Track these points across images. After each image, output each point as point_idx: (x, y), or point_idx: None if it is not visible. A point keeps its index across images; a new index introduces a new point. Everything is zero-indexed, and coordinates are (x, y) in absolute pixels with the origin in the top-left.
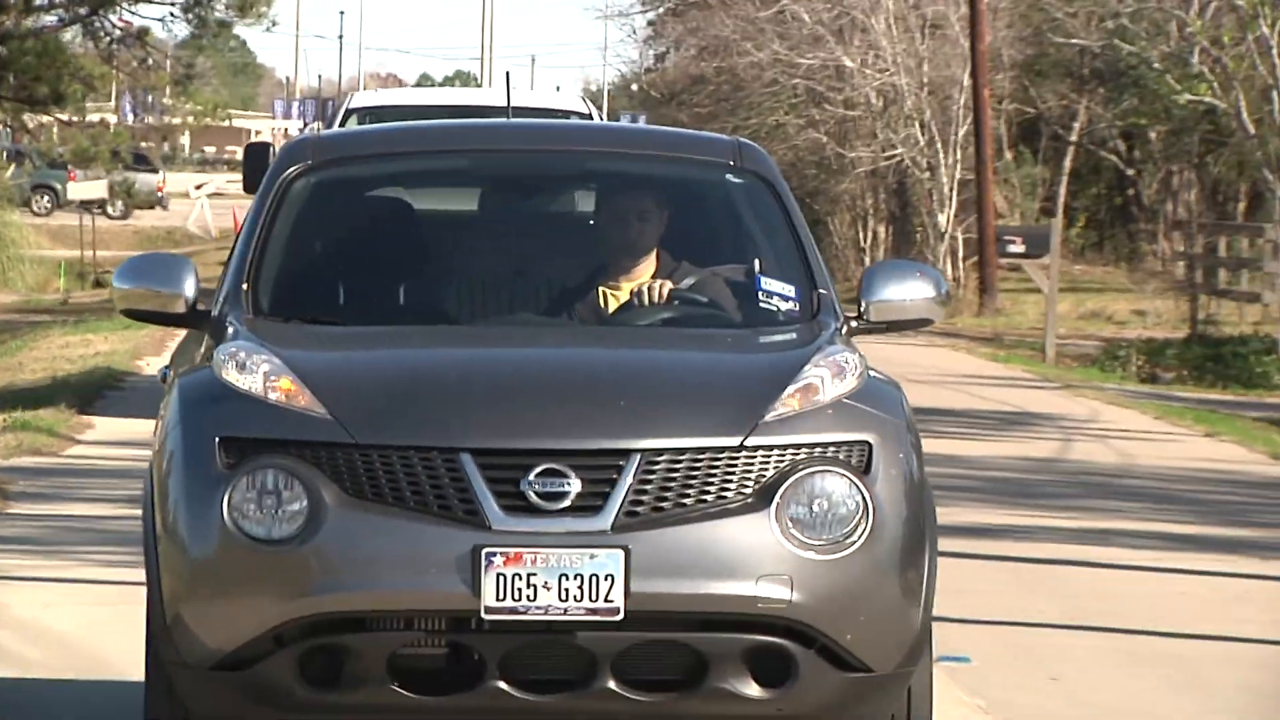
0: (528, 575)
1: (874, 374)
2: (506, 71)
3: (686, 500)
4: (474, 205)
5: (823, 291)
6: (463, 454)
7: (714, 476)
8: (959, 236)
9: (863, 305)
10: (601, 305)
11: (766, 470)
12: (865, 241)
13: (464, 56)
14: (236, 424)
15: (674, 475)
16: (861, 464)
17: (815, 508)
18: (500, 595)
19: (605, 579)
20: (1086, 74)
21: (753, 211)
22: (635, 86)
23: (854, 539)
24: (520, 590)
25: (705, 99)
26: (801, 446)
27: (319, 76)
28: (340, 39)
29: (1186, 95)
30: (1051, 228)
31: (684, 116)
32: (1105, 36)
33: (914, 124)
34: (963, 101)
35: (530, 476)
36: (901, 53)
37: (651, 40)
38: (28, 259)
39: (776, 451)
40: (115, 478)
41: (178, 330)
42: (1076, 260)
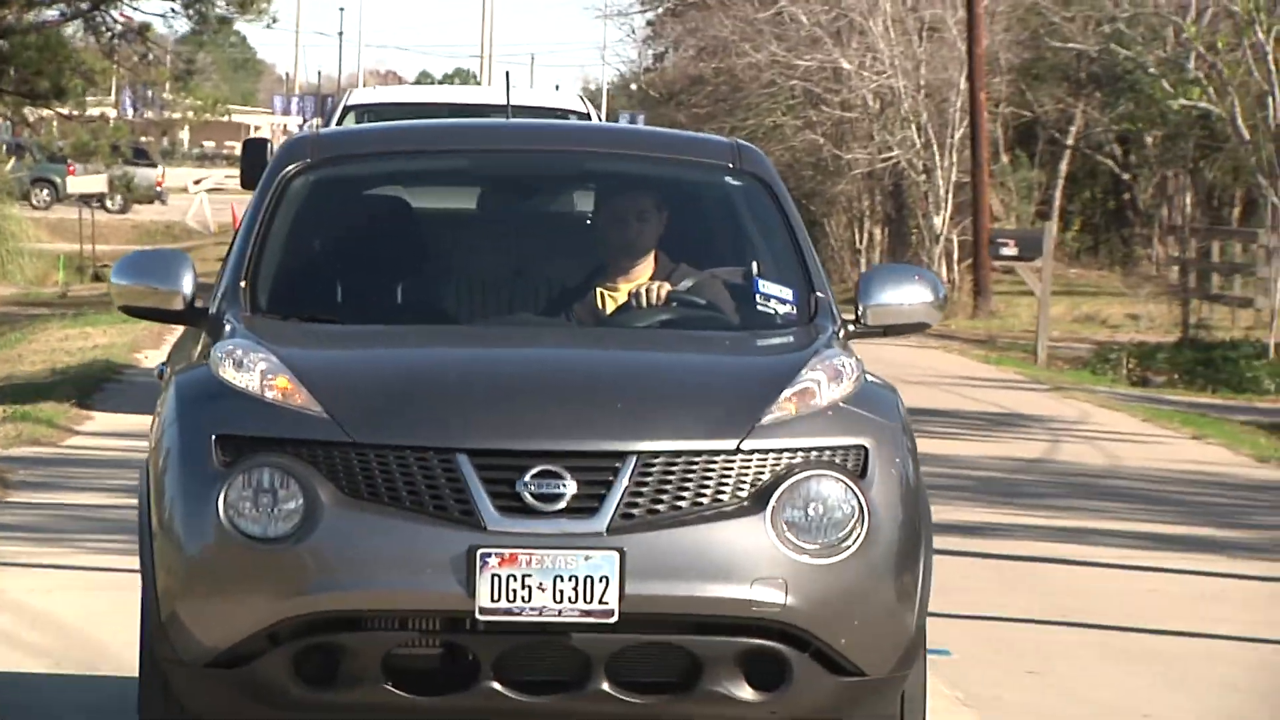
0: (523, 576)
1: (870, 378)
2: (506, 71)
3: (682, 503)
4: (473, 205)
5: (820, 295)
6: (459, 454)
7: (710, 479)
8: (954, 239)
9: (860, 309)
10: (599, 306)
11: (762, 474)
12: (861, 243)
13: (464, 54)
14: (233, 422)
15: (670, 477)
16: (857, 468)
17: (811, 511)
18: (495, 596)
19: (600, 581)
20: (1083, 78)
21: (751, 214)
22: (634, 86)
23: (849, 543)
24: (515, 591)
25: (703, 99)
26: (798, 450)
27: (319, 73)
28: (340, 35)
29: (1181, 100)
30: (1044, 231)
31: (682, 116)
32: (1102, 41)
33: (910, 126)
34: (959, 104)
35: (526, 477)
36: (899, 55)
37: (650, 40)
38: (27, 252)
39: (772, 455)
40: (113, 467)
41: (176, 325)
42: (1072, 264)
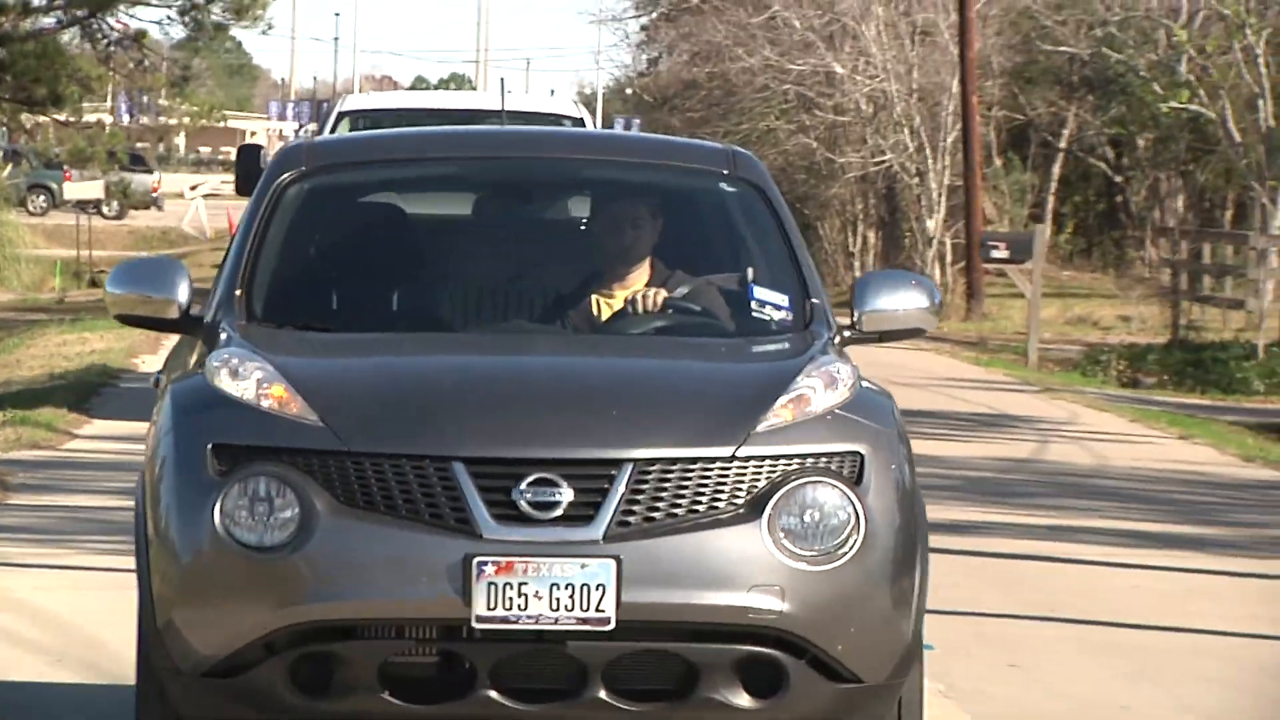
0: (519, 584)
1: (866, 384)
2: (501, 78)
3: (678, 510)
4: (468, 212)
5: (815, 301)
6: (455, 462)
7: (706, 487)
8: (947, 242)
9: (855, 315)
10: (595, 313)
11: (758, 481)
12: (855, 246)
13: (459, 59)
14: (229, 431)
15: (666, 485)
16: (853, 475)
17: (807, 518)
18: (491, 604)
19: (596, 588)
20: (1075, 81)
21: (746, 220)
22: (629, 91)
23: (845, 550)
24: (511, 599)
25: (697, 104)
26: (793, 457)
27: (314, 78)
28: (336, 41)
29: (1171, 103)
30: (1035, 234)
31: (676, 121)
32: (1093, 44)
33: (903, 130)
34: (952, 108)
35: (522, 485)
36: (891, 59)
37: (644, 45)
38: (24, 258)
39: (768, 462)
40: (112, 470)
41: (172, 333)
42: (1065, 266)
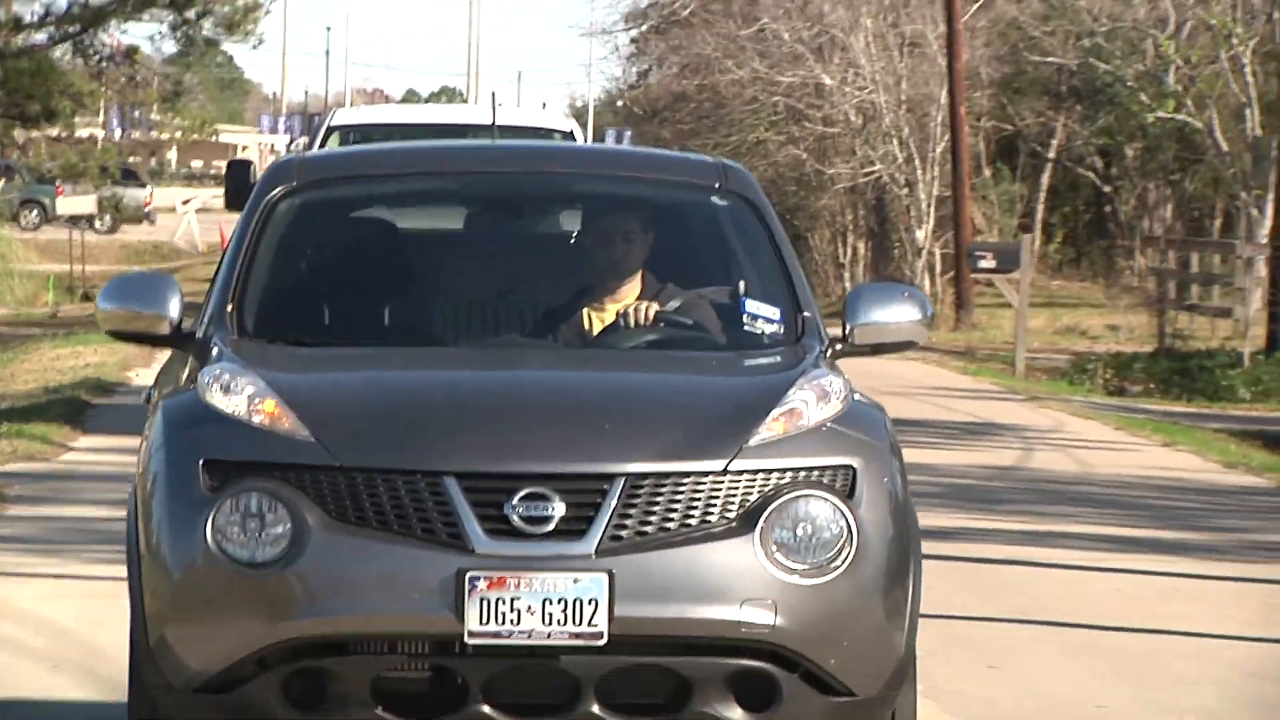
0: (511, 599)
1: (858, 397)
2: (493, 92)
3: (670, 524)
4: (459, 227)
5: (807, 314)
6: (446, 477)
7: (698, 500)
8: (937, 252)
9: (847, 328)
10: (586, 327)
11: (751, 494)
12: (845, 257)
13: (450, 73)
14: (220, 447)
15: (658, 499)
16: (845, 488)
17: (799, 532)
18: (484, 619)
19: (589, 603)
20: (1064, 92)
21: (737, 233)
22: (620, 103)
23: (838, 563)
24: (504, 614)
25: (687, 116)
26: (786, 470)
27: (306, 92)
28: (327, 54)
29: (1158, 113)
30: (1021, 244)
31: (666, 133)
32: (1081, 55)
33: (892, 141)
34: (940, 119)
35: (514, 500)
36: (880, 71)
37: (635, 58)
38: (16, 273)
39: (761, 475)
40: (107, 481)
41: (163, 348)
42: (1054, 276)
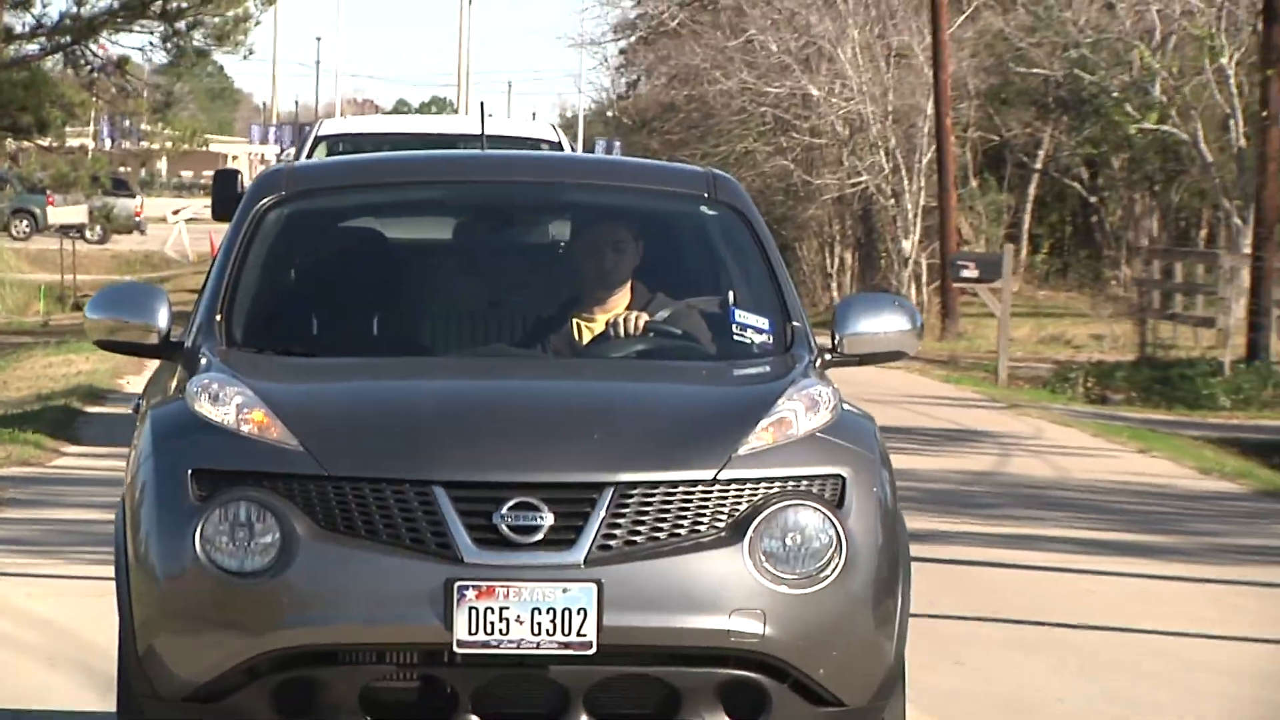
0: (500, 609)
1: (848, 407)
2: (481, 102)
3: (659, 534)
4: (448, 237)
5: (796, 324)
6: (435, 487)
7: (687, 510)
8: (923, 262)
9: (837, 338)
10: (576, 337)
11: (740, 504)
12: (832, 267)
13: (441, 83)
14: (209, 456)
15: (647, 509)
16: (835, 498)
17: (788, 541)
18: (473, 629)
19: (578, 613)
20: (1050, 103)
21: (726, 243)
22: (610, 113)
23: (827, 573)
24: (493, 624)
25: (676, 126)
26: (775, 480)
27: (296, 101)
28: (317, 65)
29: (1141, 124)
30: (1004, 254)
31: (655, 143)
32: (1067, 66)
33: (879, 151)
34: (927, 129)
35: (503, 510)
36: (867, 82)
37: (623, 68)
38: (8, 283)
39: (750, 485)
40: (100, 485)
41: (152, 359)
42: (1041, 286)
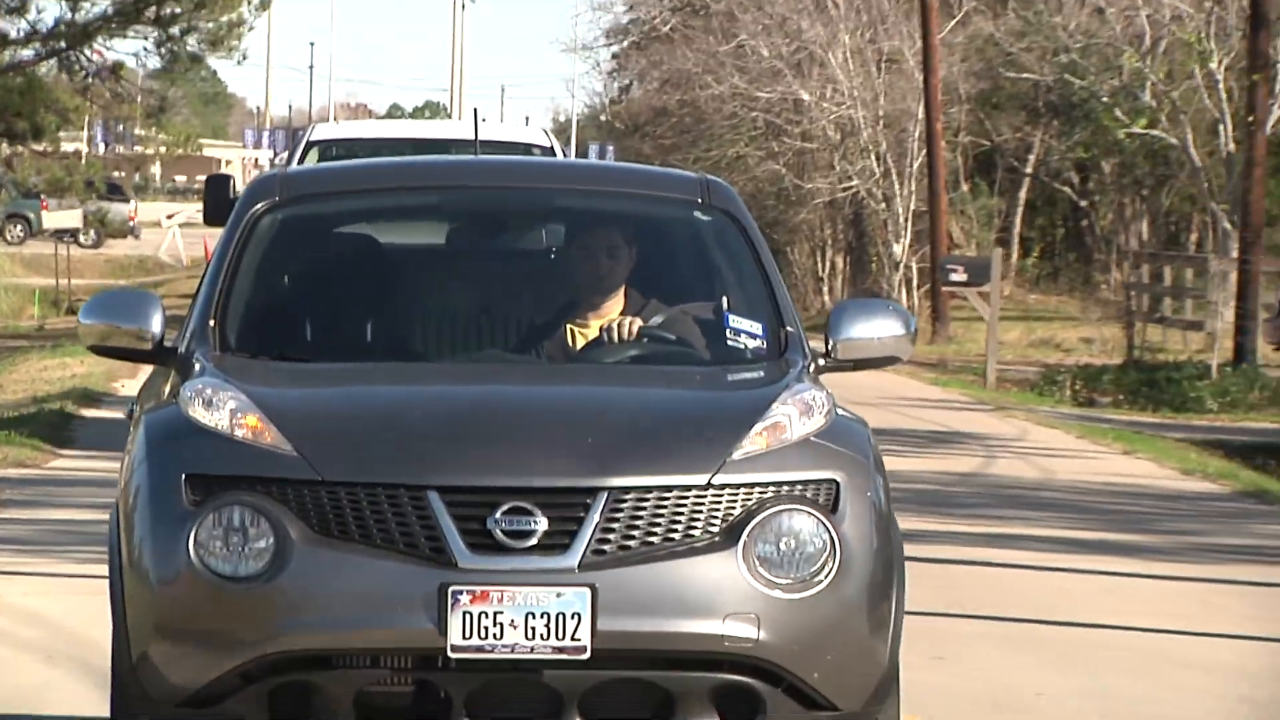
0: (494, 613)
1: (842, 412)
2: (475, 107)
3: (653, 538)
4: (442, 242)
5: (790, 329)
6: (429, 492)
7: (681, 515)
8: (914, 266)
9: (831, 343)
10: (569, 343)
11: (734, 509)
12: (824, 271)
13: (434, 88)
14: (203, 461)
15: (641, 513)
16: (829, 502)
17: (782, 546)
18: (467, 633)
19: (572, 617)
20: (1040, 107)
21: (720, 248)
22: (603, 118)
23: (821, 578)
24: (487, 628)
25: (668, 130)
26: (769, 485)
27: (289, 106)
28: (311, 69)
29: (1130, 129)
30: (992, 257)
31: (647, 148)
32: (1057, 71)
33: (870, 156)
34: (917, 134)
35: (497, 514)
36: (858, 86)
37: (616, 73)
38: (2, 287)
39: (744, 490)
40: (96, 485)
41: (146, 364)
42: (1032, 290)
